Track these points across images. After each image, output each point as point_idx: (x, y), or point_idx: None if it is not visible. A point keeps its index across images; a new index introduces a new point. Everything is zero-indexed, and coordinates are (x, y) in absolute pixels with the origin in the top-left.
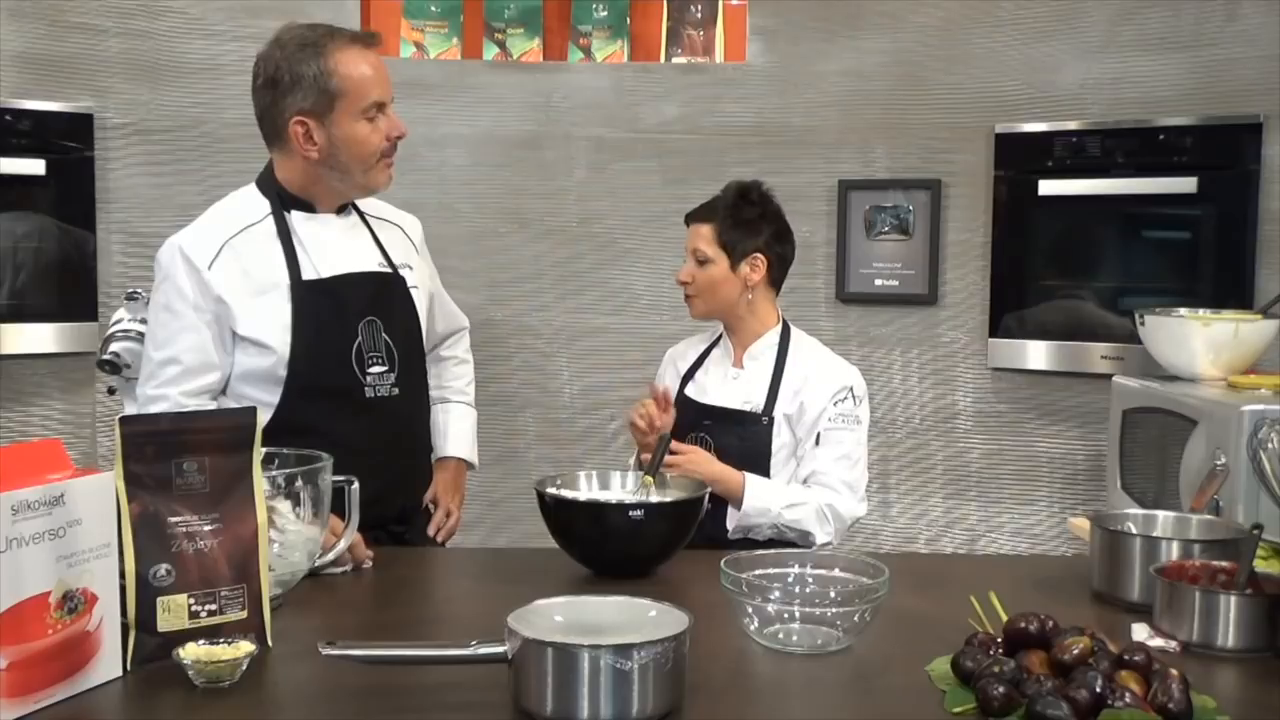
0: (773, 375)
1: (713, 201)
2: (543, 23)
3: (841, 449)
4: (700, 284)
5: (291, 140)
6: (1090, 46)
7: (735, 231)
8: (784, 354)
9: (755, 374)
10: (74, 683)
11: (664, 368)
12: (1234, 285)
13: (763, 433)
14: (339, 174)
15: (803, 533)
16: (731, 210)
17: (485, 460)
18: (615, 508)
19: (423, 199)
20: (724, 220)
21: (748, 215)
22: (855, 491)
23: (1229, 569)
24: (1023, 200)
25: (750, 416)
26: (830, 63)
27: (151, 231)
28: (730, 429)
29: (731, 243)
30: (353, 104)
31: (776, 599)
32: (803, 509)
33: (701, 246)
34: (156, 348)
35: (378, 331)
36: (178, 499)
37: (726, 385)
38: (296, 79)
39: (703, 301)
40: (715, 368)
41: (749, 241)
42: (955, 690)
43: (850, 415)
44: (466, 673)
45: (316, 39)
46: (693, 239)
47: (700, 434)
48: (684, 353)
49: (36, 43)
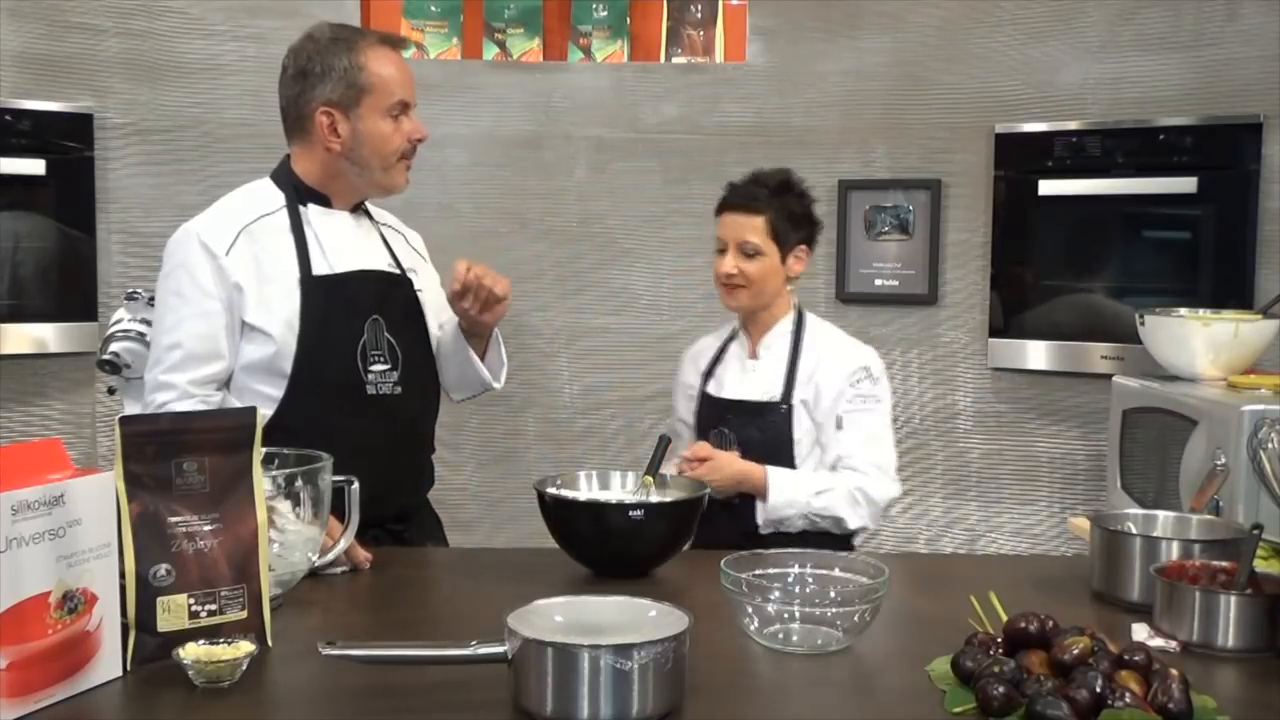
0: (788, 363)
1: (753, 190)
2: (543, 23)
3: (865, 430)
4: (751, 276)
5: (316, 131)
6: (1090, 46)
7: (786, 223)
8: (798, 341)
9: (771, 363)
10: (74, 683)
11: (684, 367)
12: (1234, 285)
13: (782, 421)
14: (358, 169)
15: (835, 519)
16: (782, 202)
17: (485, 460)
18: (615, 508)
19: (423, 199)
20: (776, 212)
21: (796, 208)
22: (885, 472)
23: (1229, 569)
24: (1023, 200)
25: (769, 406)
26: (830, 63)
27: (151, 231)
28: (750, 421)
29: (783, 235)
30: (379, 101)
31: (776, 599)
32: (831, 494)
33: (751, 239)
34: (164, 333)
35: (381, 330)
36: (178, 499)
37: (744, 377)
38: (327, 69)
39: (750, 294)
40: (732, 361)
41: (797, 233)
42: (955, 690)
43: (870, 395)
44: (466, 673)
45: (349, 35)
46: (737, 230)
47: (721, 429)
48: (701, 350)
49: (36, 43)
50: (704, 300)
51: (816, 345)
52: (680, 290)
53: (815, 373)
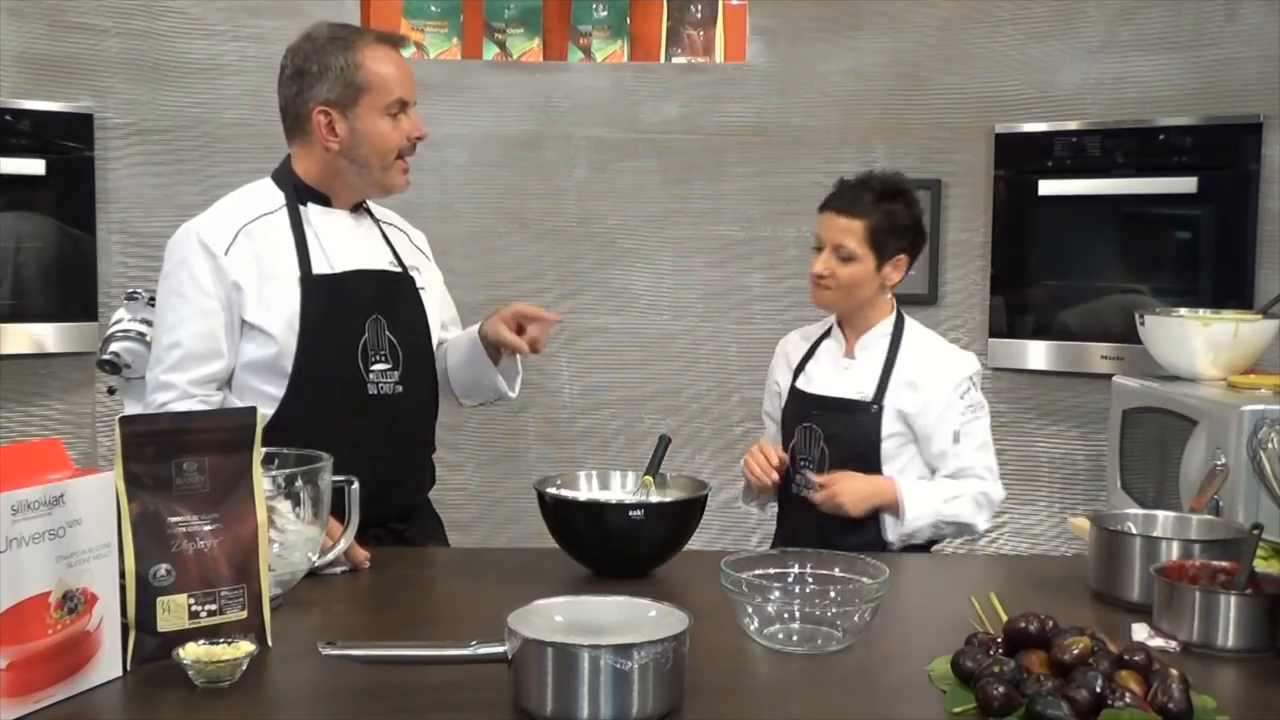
0: (884, 365)
1: (857, 192)
2: (543, 23)
3: (979, 438)
4: (841, 280)
5: (314, 130)
6: (1090, 46)
7: (888, 232)
8: (896, 344)
9: (867, 364)
10: (74, 683)
11: (776, 360)
12: (1234, 285)
13: (871, 421)
14: (357, 168)
15: (962, 525)
16: (886, 209)
17: (485, 460)
18: (615, 508)
19: (423, 199)
20: (878, 219)
21: (901, 217)
22: (995, 474)
23: (1229, 569)
24: (1023, 200)
25: (860, 405)
26: (830, 63)
27: (151, 231)
28: (838, 418)
29: (882, 243)
30: (377, 99)
31: (776, 599)
32: (959, 502)
33: (848, 243)
34: (165, 332)
35: (382, 329)
36: (178, 499)
37: (838, 375)
38: (324, 69)
39: (836, 297)
40: (826, 358)
41: (897, 243)
42: (955, 690)
43: (977, 404)
44: (466, 673)
45: (346, 34)
46: (835, 232)
47: (808, 424)
48: (796, 344)
49: (36, 43)
50: (704, 300)
51: (918, 353)
52: (680, 290)
53: (920, 384)
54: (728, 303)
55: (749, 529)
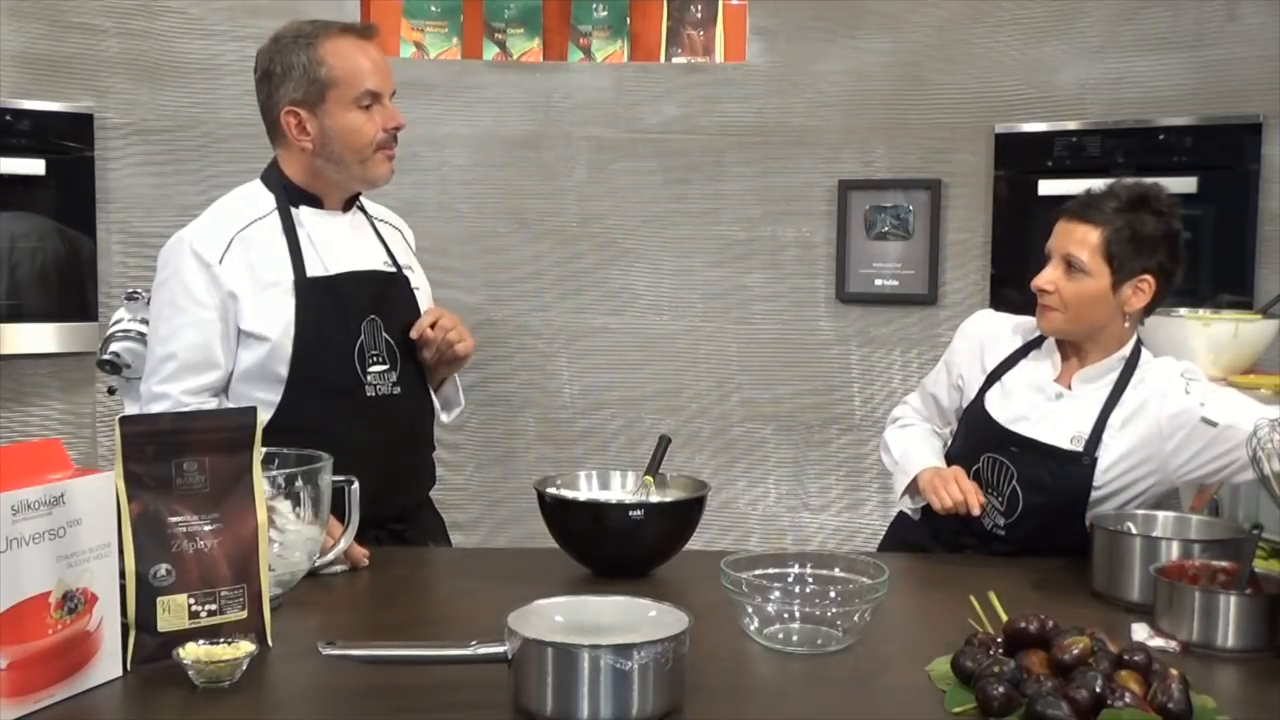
0: (1103, 406)
1: (1101, 199)
2: (543, 23)
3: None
4: (1066, 297)
5: (287, 132)
6: (1090, 46)
7: (1129, 245)
8: (1124, 382)
9: (1086, 402)
10: (74, 683)
11: (966, 343)
12: (1234, 285)
13: (1081, 474)
14: (335, 165)
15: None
16: (1131, 218)
17: (485, 460)
18: (615, 508)
19: (423, 199)
20: (1118, 229)
21: (1149, 229)
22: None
23: (1229, 569)
24: (1023, 200)
25: (1070, 455)
26: (830, 63)
27: (151, 231)
28: (1042, 463)
29: (1120, 257)
30: (344, 93)
31: (776, 599)
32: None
33: (1079, 254)
34: (159, 343)
35: (379, 330)
36: (178, 499)
37: (1046, 410)
38: (287, 69)
39: (1064, 318)
40: (1032, 376)
41: (1141, 260)
42: (955, 690)
43: (1207, 389)
44: (466, 673)
45: (310, 30)
46: (1066, 240)
47: (998, 458)
48: (996, 338)
49: (36, 43)
50: (703, 300)
51: (1143, 385)
52: (680, 290)
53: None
54: (728, 303)
55: (749, 529)
